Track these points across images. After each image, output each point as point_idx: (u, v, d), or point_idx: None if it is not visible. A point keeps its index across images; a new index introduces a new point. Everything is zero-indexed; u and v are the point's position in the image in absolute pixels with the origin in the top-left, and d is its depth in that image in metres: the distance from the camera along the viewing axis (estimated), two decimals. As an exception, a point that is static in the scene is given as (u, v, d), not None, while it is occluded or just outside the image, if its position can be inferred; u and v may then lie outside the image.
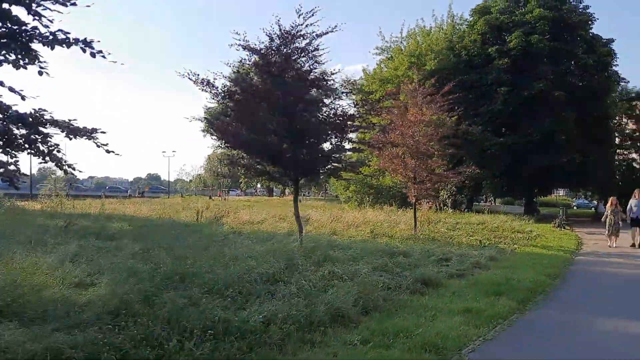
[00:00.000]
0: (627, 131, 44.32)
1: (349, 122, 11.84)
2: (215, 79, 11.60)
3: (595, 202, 58.26)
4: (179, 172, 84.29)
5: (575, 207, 57.38)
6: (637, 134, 43.85)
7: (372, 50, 37.92)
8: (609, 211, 16.33)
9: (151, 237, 13.35)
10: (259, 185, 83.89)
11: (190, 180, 72.18)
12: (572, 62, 29.92)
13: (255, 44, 11.71)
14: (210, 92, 11.71)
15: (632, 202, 16.10)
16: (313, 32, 11.57)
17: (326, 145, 12.22)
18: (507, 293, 7.84)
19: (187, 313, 5.57)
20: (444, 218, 23.73)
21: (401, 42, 36.22)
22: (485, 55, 31.40)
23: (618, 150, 44.23)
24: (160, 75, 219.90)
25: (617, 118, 42.41)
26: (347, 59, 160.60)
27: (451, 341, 5.41)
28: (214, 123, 11.70)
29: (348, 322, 6.10)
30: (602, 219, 16.91)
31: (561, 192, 72.87)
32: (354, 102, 12.01)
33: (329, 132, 11.60)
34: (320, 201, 58.63)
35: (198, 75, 11.53)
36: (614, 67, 32.41)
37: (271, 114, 11.82)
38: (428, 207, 24.42)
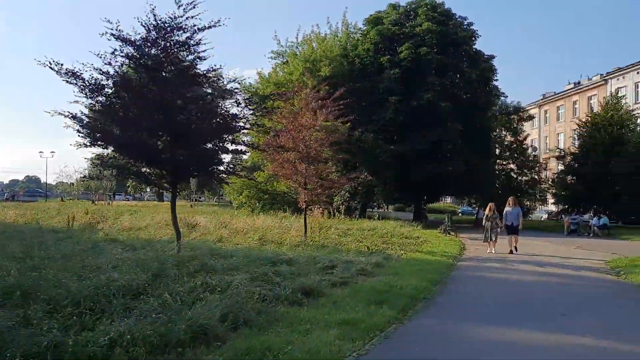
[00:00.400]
0: (506, 143, 47.61)
1: (233, 123, 11.16)
2: (82, 70, 10.39)
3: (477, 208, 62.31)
4: (58, 174, 78.01)
5: (460, 214, 60.67)
6: (515, 145, 47.28)
7: (267, 54, 37.42)
8: (486, 217, 16.71)
9: (6, 246, 11.79)
10: (148, 189, 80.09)
11: (72, 184, 67.00)
12: (458, 76, 31.44)
13: (131, 35, 10.71)
14: (77, 84, 10.48)
15: (507, 209, 16.43)
16: (195, 25, 10.80)
17: (210, 147, 11.46)
18: (389, 301, 7.58)
19: (10, 336, 4.61)
20: (336, 224, 23.67)
21: (297, 47, 36.15)
22: (377, 64, 32.11)
23: (498, 161, 47.40)
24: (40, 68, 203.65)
25: (497, 130, 45.34)
26: (249, 63, 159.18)
27: (322, 359, 4.94)
28: (79, 119, 10.39)
29: (212, 341, 5.42)
30: (485, 227, 17.03)
31: (449, 199, 76.78)
32: (236, 102, 11.29)
33: (211, 132, 10.83)
34: (214, 207, 57.08)
35: (62, 64, 10.28)
36: (494, 82, 34.52)
37: (147, 110, 10.84)
38: (320, 213, 24.21)
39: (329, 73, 32.39)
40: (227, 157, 13.57)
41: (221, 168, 11.67)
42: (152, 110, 10.74)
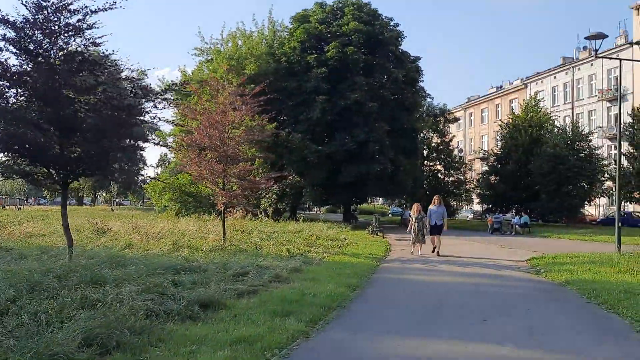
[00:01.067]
0: (433, 144, 48.46)
1: (131, 116, 10.02)
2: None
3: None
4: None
5: (390, 215, 61.27)
6: (441, 146, 48.19)
7: (191, 50, 35.92)
8: (413, 218, 15.75)
9: None
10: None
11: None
12: (385, 76, 31.34)
13: (11, 16, 9.36)
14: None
15: (431, 208, 15.78)
16: (86, 6, 9.60)
17: (105, 143, 10.22)
18: (298, 312, 6.80)
19: None
20: (261, 227, 22.77)
21: (221, 44, 34.88)
22: (305, 63, 31.48)
23: (425, 162, 48.15)
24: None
25: (424, 132, 46.00)
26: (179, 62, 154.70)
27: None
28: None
29: (68, 373, 4.42)
30: (408, 229, 16.10)
31: (380, 200, 77.46)
32: (132, 92, 10.16)
33: (104, 126, 9.63)
34: (137, 210, 54.51)
35: None
36: (420, 83, 34.78)
37: (32, 102, 9.54)
38: (242, 216, 23.19)
39: (255, 71, 31.45)
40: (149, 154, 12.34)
41: (117, 165, 10.47)
42: (38, 101, 9.45)
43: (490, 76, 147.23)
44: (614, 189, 37.82)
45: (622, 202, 36.86)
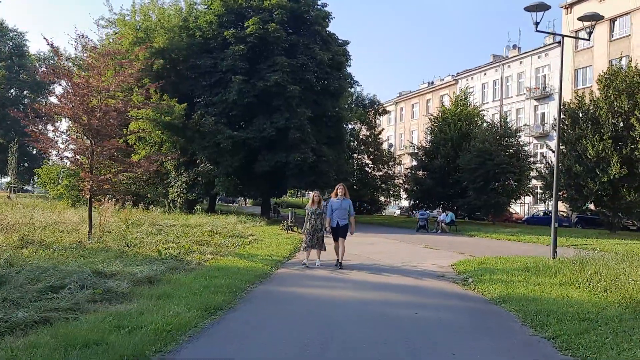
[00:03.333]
0: (362, 136, 46.57)
1: None
2: None
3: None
4: None
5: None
6: (370, 139, 46.37)
7: (100, 21, 31.83)
8: (308, 213, 11.57)
9: None
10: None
11: None
12: (309, 58, 28.70)
13: None
14: None
15: (333, 201, 11.31)
16: None
17: None
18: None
19: None
20: (159, 219, 19.61)
21: (130, 16, 31.02)
22: (221, 38, 28.38)
23: (354, 155, 46.18)
24: None
25: (352, 123, 43.97)
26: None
27: None
28: None
29: None
30: (303, 229, 12.33)
31: (309, 193, 75.09)
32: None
33: None
34: (40, 198, 49.01)
35: None
36: (348, 69, 32.49)
37: None
38: (118, 205, 19.80)
39: (165, 45, 28.03)
40: None
41: None
42: None
43: (422, 72, 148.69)
44: (539, 187, 37.41)
45: (547, 201, 36.43)
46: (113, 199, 16.82)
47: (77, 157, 12.32)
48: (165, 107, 26.76)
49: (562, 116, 27.77)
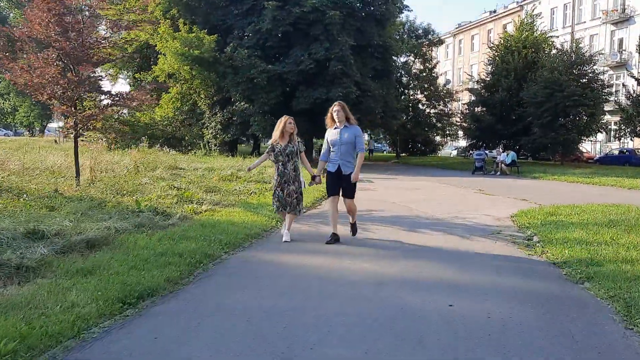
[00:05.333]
0: (415, 71, 42.86)
1: None
2: None
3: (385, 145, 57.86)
4: None
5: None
6: (424, 74, 42.61)
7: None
8: (275, 150, 7.16)
9: None
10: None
11: None
12: (350, -22, 25.46)
13: None
14: None
15: (329, 132, 7.11)
16: None
17: None
18: None
19: None
20: (179, 162, 17.90)
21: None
22: (253, -41, 25.51)
23: (406, 91, 42.75)
24: None
25: (404, 56, 40.42)
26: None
27: None
28: None
29: None
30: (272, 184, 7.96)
31: (369, 134, 72.15)
32: None
33: None
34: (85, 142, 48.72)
35: None
36: (396, -10, 28.89)
37: None
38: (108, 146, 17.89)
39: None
40: None
41: None
42: None
43: (484, 1, 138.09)
44: (613, 123, 33.15)
45: (623, 139, 32.33)
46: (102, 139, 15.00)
47: (52, 87, 10.20)
48: (194, 38, 24.58)
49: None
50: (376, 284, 4.96)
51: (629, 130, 26.32)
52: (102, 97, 11.13)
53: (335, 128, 6.97)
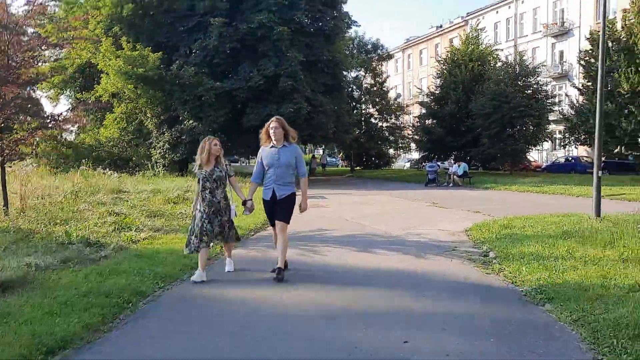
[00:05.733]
0: (365, 85, 43.08)
1: None
2: None
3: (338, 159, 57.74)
4: None
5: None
6: (375, 88, 42.85)
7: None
8: (198, 177, 6.13)
9: None
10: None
11: None
12: (298, -7, 25.27)
13: None
14: None
15: (264, 151, 6.19)
16: None
17: None
18: None
19: None
20: (126, 185, 17.01)
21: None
22: (198, -24, 24.99)
23: (358, 105, 42.84)
24: None
25: (355, 69, 40.59)
26: None
27: None
28: None
29: None
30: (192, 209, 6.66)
31: (321, 150, 71.96)
32: None
33: None
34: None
35: None
36: (343, 7, 28.90)
37: None
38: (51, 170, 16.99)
39: (133, -14, 24.76)
40: None
41: None
42: None
43: (431, 17, 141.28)
44: (558, 132, 34.08)
45: (568, 147, 33.27)
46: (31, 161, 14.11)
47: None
48: (138, 56, 23.76)
49: (589, 48, 24.48)
50: (326, 319, 4.51)
51: (573, 138, 27.05)
52: (30, 119, 10.29)
53: (272, 147, 6.10)
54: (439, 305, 4.90)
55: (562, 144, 32.01)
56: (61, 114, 10.36)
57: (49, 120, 10.19)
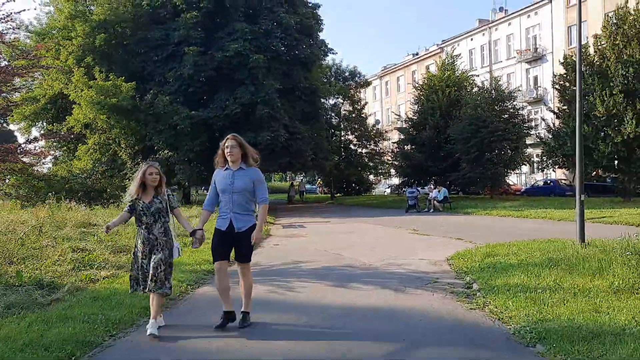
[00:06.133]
0: (344, 112, 43.09)
1: None
2: None
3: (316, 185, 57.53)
4: None
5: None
6: (353, 115, 42.87)
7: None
8: (136, 209, 5.27)
9: None
10: None
11: None
12: (273, 23, 25.19)
13: None
14: None
15: (218, 174, 5.31)
16: None
17: None
18: None
19: None
20: (97, 218, 16.28)
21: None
22: (172, 6, 24.81)
23: (337, 132, 42.74)
24: None
25: (333, 96, 40.60)
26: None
27: None
28: None
29: None
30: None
31: (301, 177, 71.43)
32: None
33: None
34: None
35: None
36: (320, 35, 28.94)
37: None
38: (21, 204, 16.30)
39: (106, 17, 24.41)
40: None
41: None
42: None
43: (407, 44, 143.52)
44: (536, 156, 34.22)
45: (546, 170, 33.35)
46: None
47: None
48: (111, 87, 23.29)
49: (563, 72, 24.65)
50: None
51: (550, 161, 27.06)
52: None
53: (227, 169, 5.23)
54: (423, 353, 4.42)
55: (540, 167, 32.10)
56: (20, 145, 9.78)
57: (4, 153, 9.59)
